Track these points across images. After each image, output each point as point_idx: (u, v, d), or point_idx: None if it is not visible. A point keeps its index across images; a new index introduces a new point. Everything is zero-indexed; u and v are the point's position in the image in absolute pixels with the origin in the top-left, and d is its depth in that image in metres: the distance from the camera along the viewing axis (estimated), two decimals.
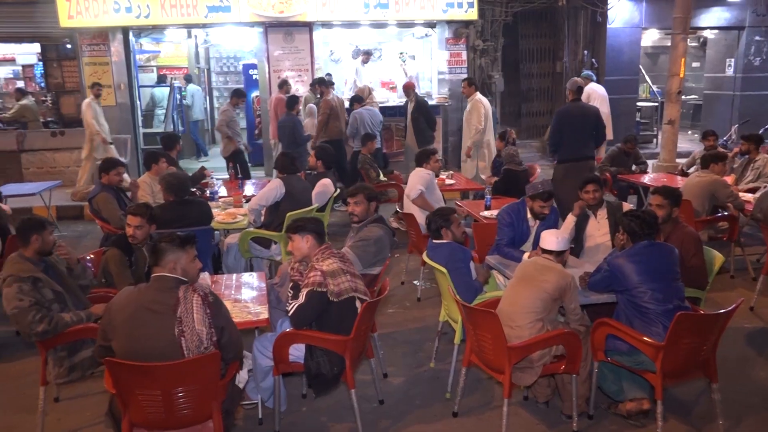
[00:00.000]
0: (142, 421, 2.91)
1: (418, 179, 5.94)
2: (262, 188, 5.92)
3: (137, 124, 10.72)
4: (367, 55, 11.23)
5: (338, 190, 6.37)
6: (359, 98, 9.00)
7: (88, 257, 4.44)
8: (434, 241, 4.17)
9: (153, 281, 2.93)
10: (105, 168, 5.70)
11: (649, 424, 3.58)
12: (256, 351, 3.61)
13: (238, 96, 8.82)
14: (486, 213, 5.66)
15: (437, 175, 6.40)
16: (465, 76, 10.82)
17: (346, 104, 9.32)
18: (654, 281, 3.42)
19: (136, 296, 2.90)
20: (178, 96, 11.60)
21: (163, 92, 12.15)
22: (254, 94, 11.09)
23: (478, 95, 8.53)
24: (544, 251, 3.60)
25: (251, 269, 5.60)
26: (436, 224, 4.14)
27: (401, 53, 11.75)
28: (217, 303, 2.97)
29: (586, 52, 11.96)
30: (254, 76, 11.18)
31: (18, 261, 3.58)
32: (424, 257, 4.19)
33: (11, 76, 11.46)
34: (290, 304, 3.47)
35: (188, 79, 12.51)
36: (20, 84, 11.22)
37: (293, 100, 8.59)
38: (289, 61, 10.45)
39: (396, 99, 11.06)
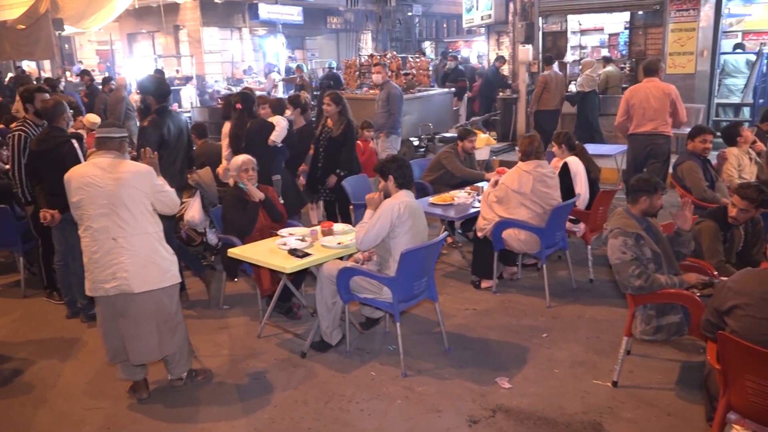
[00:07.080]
0: (741, 408, 2.74)
1: None
2: None
3: (713, 93, 10.17)
4: None
5: None
6: None
7: None
8: None
9: None
10: (690, 135, 5.61)
11: None
12: None
13: None
14: None
15: None
16: None
17: None
18: None
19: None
20: (765, 64, 10.38)
21: (737, 60, 11.05)
22: None
23: None
24: None
25: None
26: None
27: None
28: None
29: None
30: None
31: (625, 216, 3.81)
32: None
33: (597, 44, 12.37)
34: None
35: None
36: (604, 52, 12.01)
37: None
38: None
39: None
